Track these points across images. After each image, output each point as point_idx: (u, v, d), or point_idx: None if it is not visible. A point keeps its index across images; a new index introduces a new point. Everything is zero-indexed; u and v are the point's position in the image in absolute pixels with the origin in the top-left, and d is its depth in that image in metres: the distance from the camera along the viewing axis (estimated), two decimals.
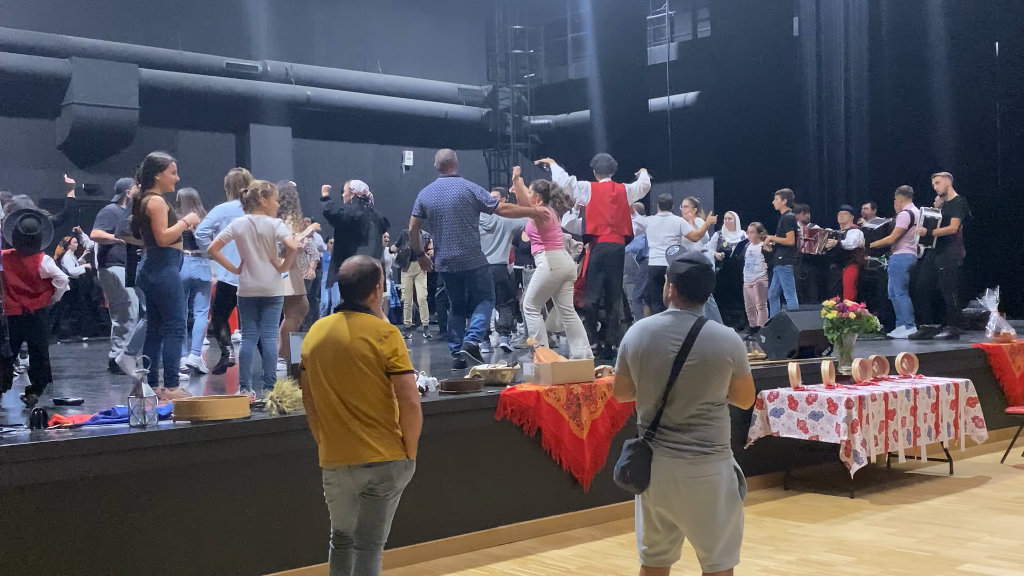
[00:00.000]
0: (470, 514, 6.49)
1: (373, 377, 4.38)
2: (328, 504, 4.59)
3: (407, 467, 4.49)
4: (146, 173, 6.79)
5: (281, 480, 5.67)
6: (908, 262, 11.46)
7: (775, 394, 7.83)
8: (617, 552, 6.36)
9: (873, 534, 6.64)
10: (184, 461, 5.36)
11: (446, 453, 6.31)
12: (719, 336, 4.11)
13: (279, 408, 5.75)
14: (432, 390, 6.66)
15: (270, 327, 7.03)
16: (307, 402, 4.62)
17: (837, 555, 6.16)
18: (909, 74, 14.14)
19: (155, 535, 5.24)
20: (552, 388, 6.84)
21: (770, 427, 7.84)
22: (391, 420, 4.44)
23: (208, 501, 5.44)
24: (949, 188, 11.22)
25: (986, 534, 6.56)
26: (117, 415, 5.58)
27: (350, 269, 4.57)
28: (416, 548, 6.16)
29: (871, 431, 7.54)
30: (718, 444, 4.08)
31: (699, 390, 4.06)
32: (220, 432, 5.48)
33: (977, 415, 8.48)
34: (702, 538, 4.11)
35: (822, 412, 7.53)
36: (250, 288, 6.91)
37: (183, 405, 5.57)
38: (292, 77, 19.17)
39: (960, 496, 7.70)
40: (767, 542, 6.46)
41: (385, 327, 4.47)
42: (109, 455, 5.12)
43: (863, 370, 8.19)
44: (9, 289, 6.91)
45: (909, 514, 7.17)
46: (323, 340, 4.47)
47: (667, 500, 4.10)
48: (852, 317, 8.22)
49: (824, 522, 6.99)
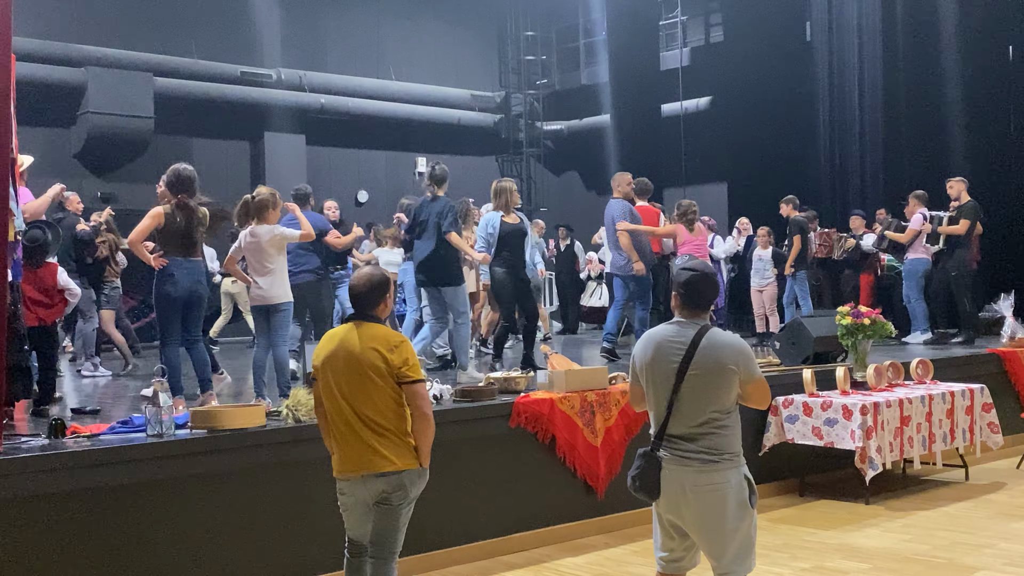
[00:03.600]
0: (484, 522, 6.50)
1: (384, 387, 4.40)
2: (342, 513, 4.61)
3: (420, 476, 4.51)
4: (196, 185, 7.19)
5: (297, 488, 5.70)
6: (923, 267, 11.44)
7: (790, 400, 7.82)
8: (631, 560, 6.36)
9: (888, 541, 6.62)
10: (201, 470, 5.39)
11: (460, 461, 6.33)
12: (721, 344, 4.10)
13: (295, 417, 5.78)
14: (446, 398, 6.69)
15: (279, 335, 7.12)
16: (319, 412, 4.64)
17: (852, 562, 6.15)
18: (922, 79, 14.09)
19: (172, 544, 5.27)
20: (566, 395, 6.85)
21: (785, 434, 7.83)
22: (403, 429, 4.45)
23: (224, 510, 5.47)
24: (963, 192, 11.19)
25: (1002, 540, 6.54)
26: (134, 424, 5.62)
27: (360, 279, 4.60)
28: (430, 556, 6.17)
29: (886, 437, 7.53)
30: (727, 452, 4.08)
31: (704, 399, 4.06)
32: (236, 441, 5.52)
33: (992, 421, 8.45)
34: (711, 546, 4.12)
35: (837, 418, 7.52)
36: (255, 297, 7.20)
37: (199, 414, 5.61)
38: (306, 85, 19.22)
39: (976, 502, 7.67)
40: (782, 549, 6.46)
41: (396, 337, 4.49)
42: (126, 464, 5.16)
43: (878, 376, 8.18)
44: (26, 301, 6.95)
45: (924, 520, 7.16)
46: (334, 350, 4.49)
47: (677, 508, 4.11)
48: (867, 323, 8.21)
49: (839, 529, 6.98)
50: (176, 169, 7.16)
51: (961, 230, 11.01)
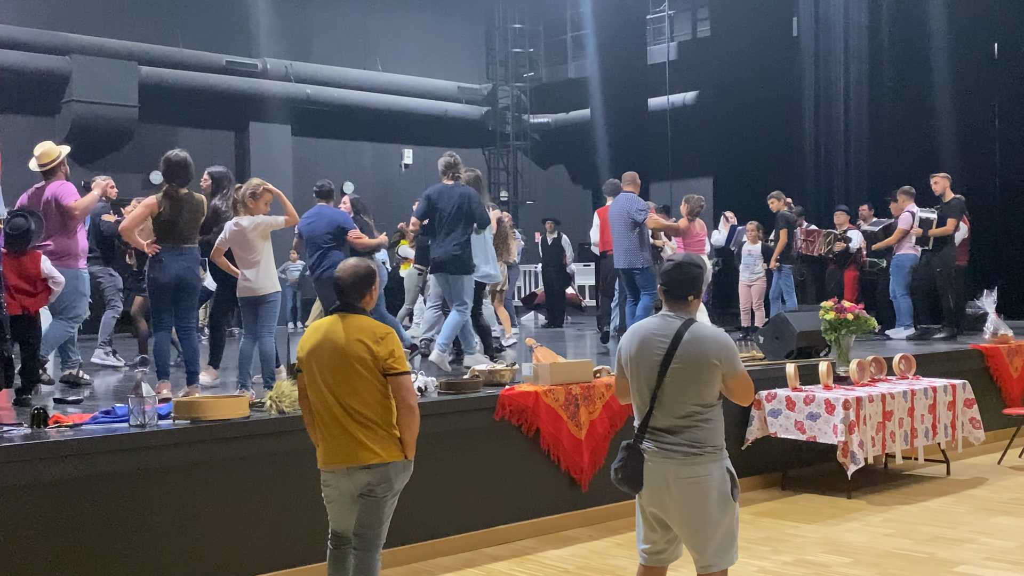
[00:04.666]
0: (468, 514, 6.51)
1: (370, 379, 4.39)
2: (327, 505, 4.60)
3: (405, 468, 4.51)
4: (189, 173, 7.17)
5: (280, 480, 5.69)
6: (911, 262, 11.47)
7: (773, 395, 7.85)
8: (615, 552, 6.37)
9: (870, 535, 6.66)
10: (183, 460, 5.38)
11: (445, 453, 6.33)
12: (704, 338, 4.11)
13: (278, 408, 5.77)
14: (431, 390, 6.68)
15: (266, 327, 7.10)
16: (304, 404, 4.63)
17: (834, 556, 6.18)
18: (908, 75, 14.15)
19: (155, 534, 5.26)
20: (550, 388, 6.85)
21: (768, 428, 7.86)
22: (388, 421, 4.45)
23: (207, 500, 5.45)
24: (947, 189, 11.22)
25: (983, 535, 6.58)
26: (117, 414, 5.60)
27: (346, 271, 4.58)
28: (414, 548, 6.18)
29: (868, 432, 7.56)
30: (709, 445, 4.09)
31: (686, 392, 4.07)
32: (219, 432, 5.50)
33: (974, 416, 8.50)
34: (693, 539, 4.13)
35: (820, 413, 7.55)
36: (242, 289, 7.13)
37: (183, 405, 5.59)
38: (292, 75, 19.17)
39: (957, 497, 7.71)
40: (764, 543, 6.48)
41: (381, 328, 4.48)
42: (109, 454, 5.14)
43: (861, 371, 8.21)
44: (9, 289, 6.91)
45: (906, 515, 7.19)
46: (319, 342, 4.48)
47: (660, 501, 4.13)
48: (850, 318, 8.24)
49: (821, 523, 7.01)
50: (166, 157, 7.18)
51: (949, 230, 11.06)
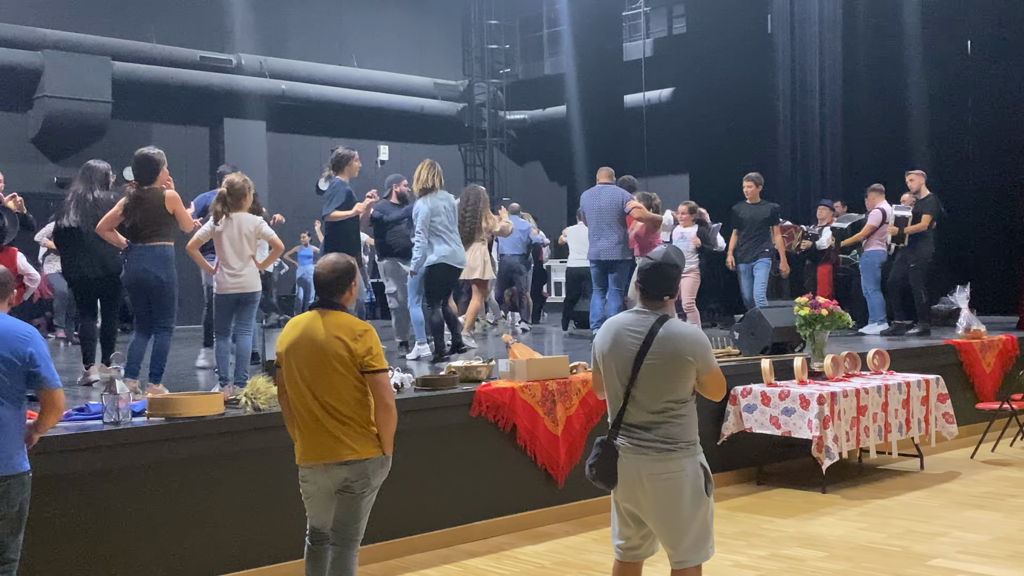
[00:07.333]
0: (445, 510, 6.50)
1: (347, 376, 4.38)
2: (304, 501, 4.59)
3: (383, 464, 4.50)
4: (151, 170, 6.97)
5: (256, 476, 5.66)
6: (880, 259, 11.54)
7: (748, 390, 7.88)
8: (591, 548, 6.39)
9: (844, 529, 6.70)
10: (158, 458, 5.35)
11: (421, 449, 6.32)
12: (678, 335, 4.12)
13: (253, 405, 5.73)
14: (407, 386, 6.67)
15: (245, 325, 7.02)
16: (282, 400, 4.61)
17: (809, 550, 6.21)
18: (882, 72, 14.22)
19: (129, 532, 5.23)
20: (527, 384, 6.85)
21: (743, 423, 7.90)
22: (366, 418, 4.44)
23: (182, 498, 5.42)
24: (922, 186, 11.29)
25: (956, 529, 6.63)
26: (91, 412, 5.55)
27: (325, 267, 4.56)
28: (392, 544, 6.17)
29: (843, 427, 7.61)
30: (682, 441, 4.10)
31: (660, 388, 4.08)
32: (194, 429, 5.47)
33: (947, 411, 8.56)
34: (667, 534, 4.15)
35: (794, 408, 7.59)
36: (230, 286, 6.89)
37: (157, 402, 5.55)
38: (267, 71, 19.05)
39: (930, 491, 7.77)
40: (739, 537, 6.51)
41: (360, 325, 4.47)
42: (82, 452, 5.10)
43: (835, 366, 8.26)
44: None
45: (880, 509, 7.24)
46: (298, 338, 4.46)
47: (634, 497, 4.13)
48: (824, 314, 8.28)
49: (796, 517, 7.05)
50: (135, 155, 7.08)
51: (924, 227, 11.13)
